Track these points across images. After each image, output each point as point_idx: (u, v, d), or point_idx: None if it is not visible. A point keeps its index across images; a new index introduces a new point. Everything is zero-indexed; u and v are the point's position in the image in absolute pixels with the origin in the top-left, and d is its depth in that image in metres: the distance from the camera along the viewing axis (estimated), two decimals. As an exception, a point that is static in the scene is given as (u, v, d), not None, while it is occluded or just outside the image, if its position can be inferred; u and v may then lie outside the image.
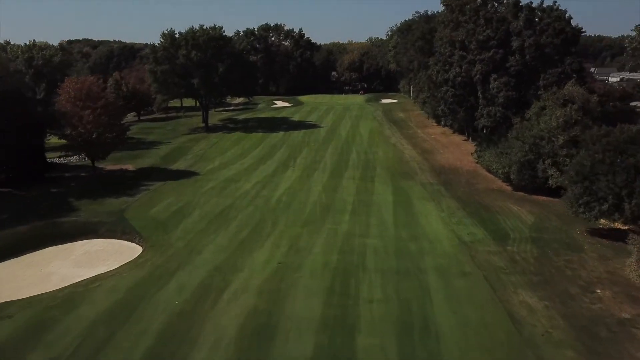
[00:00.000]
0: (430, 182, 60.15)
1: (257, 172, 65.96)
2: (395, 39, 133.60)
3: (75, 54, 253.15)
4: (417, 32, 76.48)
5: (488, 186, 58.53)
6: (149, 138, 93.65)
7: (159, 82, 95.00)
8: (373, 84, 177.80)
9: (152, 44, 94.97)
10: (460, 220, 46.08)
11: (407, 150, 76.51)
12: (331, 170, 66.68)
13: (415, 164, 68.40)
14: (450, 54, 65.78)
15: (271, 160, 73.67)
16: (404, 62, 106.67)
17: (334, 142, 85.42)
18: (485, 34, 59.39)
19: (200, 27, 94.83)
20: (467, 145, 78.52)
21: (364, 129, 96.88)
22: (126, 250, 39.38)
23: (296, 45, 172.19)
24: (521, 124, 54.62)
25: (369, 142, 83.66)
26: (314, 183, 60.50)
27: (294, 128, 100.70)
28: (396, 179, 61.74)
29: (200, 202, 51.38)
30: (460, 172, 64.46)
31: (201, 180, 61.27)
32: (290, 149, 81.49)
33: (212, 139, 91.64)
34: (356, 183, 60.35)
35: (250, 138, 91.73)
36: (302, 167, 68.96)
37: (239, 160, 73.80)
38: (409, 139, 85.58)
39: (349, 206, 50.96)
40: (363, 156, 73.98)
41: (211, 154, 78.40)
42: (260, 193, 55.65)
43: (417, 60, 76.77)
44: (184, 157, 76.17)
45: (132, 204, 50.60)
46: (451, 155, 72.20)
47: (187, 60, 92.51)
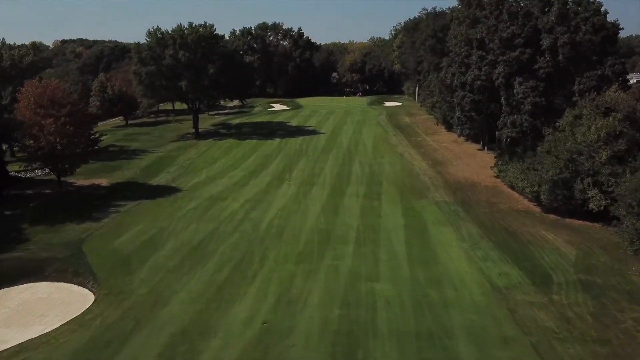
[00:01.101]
0: (446, 201, 52.27)
1: (248, 188, 58.09)
2: (400, 38, 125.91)
3: (68, 54, 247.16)
4: (427, 30, 68.64)
5: (512, 206, 50.65)
6: (133, 146, 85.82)
7: (145, 85, 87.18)
8: (375, 86, 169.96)
9: (137, 43, 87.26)
10: (487, 255, 38.18)
11: (417, 162, 68.57)
12: (331, 186, 58.82)
13: (427, 179, 60.49)
14: (467, 54, 57.92)
15: (265, 173, 65.81)
16: (410, 63, 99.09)
17: (335, 151, 77.50)
18: (509, 31, 51.52)
19: (190, 25, 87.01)
20: (482, 155, 70.56)
21: (367, 135, 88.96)
22: (75, 299, 31.47)
23: (295, 45, 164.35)
24: (554, 135, 46.69)
25: (374, 152, 75.73)
26: (312, 202, 52.65)
27: (292, 134, 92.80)
28: (406, 197, 53.89)
29: (177, 229, 43.47)
30: (478, 188, 56.56)
31: (182, 198, 53.37)
32: (286, 159, 73.61)
33: (202, 147, 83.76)
34: (360, 202, 52.50)
35: (243, 146, 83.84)
36: (298, 182, 61.13)
37: (228, 173, 65.92)
38: (417, 147, 77.64)
39: (353, 233, 43.10)
40: (367, 168, 66.06)
41: (198, 165, 70.53)
42: (249, 215, 47.77)
43: (428, 61, 68.88)
44: (168, 169, 68.28)
45: (96, 231, 42.69)
46: (466, 168, 64.24)
47: (174, 60, 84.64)
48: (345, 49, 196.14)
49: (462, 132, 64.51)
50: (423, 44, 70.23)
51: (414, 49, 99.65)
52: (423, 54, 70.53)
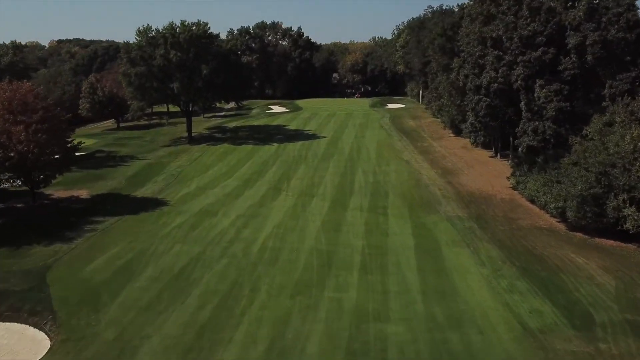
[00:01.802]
0: (459, 216, 47.24)
1: (241, 200, 53.05)
2: (404, 37, 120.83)
3: (63, 54, 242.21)
4: (436, 28, 63.52)
5: (533, 223, 45.62)
6: (122, 151, 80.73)
7: (134, 87, 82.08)
8: (378, 87, 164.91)
9: (126, 43, 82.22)
10: (513, 285, 33.15)
11: (425, 170, 63.46)
12: (333, 197, 53.80)
13: (437, 190, 55.42)
14: (481, 54, 52.81)
15: (260, 182, 60.77)
16: (415, 63, 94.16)
17: (336, 157, 72.42)
18: (530, 29, 46.42)
19: (182, 23, 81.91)
20: (495, 163, 65.49)
21: (370, 140, 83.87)
22: (25, 347, 26.38)
23: (295, 45, 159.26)
24: (582, 145, 41.63)
25: (378, 158, 70.63)
26: (311, 216, 47.65)
27: (290, 139, 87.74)
28: (415, 211, 48.86)
29: (158, 252, 38.40)
30: (494, 201, 51.51)
31: (168, 213, 48.30)
32: (284, 166, 68.55)
33: (194, 153, 78.71)
34: (364, 217, 47.49)
35: (238, 152, 78.80)
36: (297, 192, 56.11)
37: (221, 182, 60.88)
38: (424, 154, 72.54)
39: (357, 256, 38.10)
40: (371, 177, 60.99)
41: (189, 174, 65.47)
42: (241, 234, 42.72)
43: (436, 61, 63.77)
44: (156, 178, 63.20)
45: (65, 255, 37.64)
46: (479, 178, 59.16)
47: (165, 61, 79.62)
48: (346, 49, 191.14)
49: (476, 140, 59.43)
50: (432, 43, 65.06)
51: (419, 48, 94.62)
52: (431, 54, 65.40)
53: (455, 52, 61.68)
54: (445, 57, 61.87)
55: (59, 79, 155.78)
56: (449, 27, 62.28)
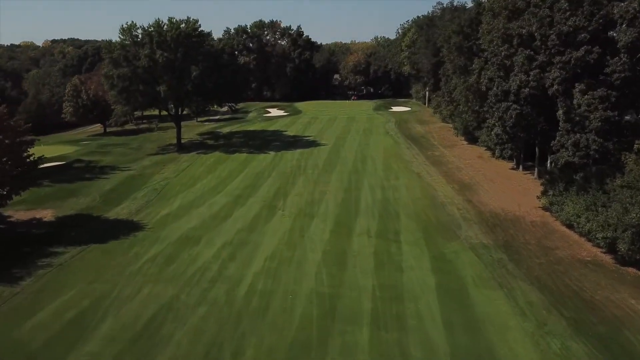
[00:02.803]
0: (484, 244, 40.06)
1: (230, 223, 45.91)
2: (410, 37, 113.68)
3: (56, 55, 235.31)
4: (451, 25, 56.30)
5: (574, 254, 38.41)
6: (103, 161, 73.59)
7: (117, 90, 74.90)
8: (381, 89, 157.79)
9: (108, 41, 75.06)
10: (568, 348, 25.98)
11: (439, 185, 56.22)
12: (336, 218, 46.65)
13: (455, 209, 48.18)
14: (507, 54, 45.56)
15: (253, 199, 53.61)
16: (423, 64, 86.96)
17: (339, 168, 65.22)
18: (570, 24, 39.24)
19: (169, 20, 74.72)
20: (518, 177, 58.21)
21: (375, 149, 76.65)
22: None
23: (294, 45, 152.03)
24: (638, 163, 34.44)
25: (385, 170, 63.38)
26: (311, 244, 40.53)
27: (288, 146, 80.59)
28: (432, 237, 41.70)
29: (121, 297, 31.22)
30: (523, 225, 44.26)
31: (142, 241, 41.11)
32: (280, 179, 61.37)
33: (182, 163, 71.55)
34: (373, 244, 40.34)
35: (230, 161, 71.64)
36: (294, 211, 48.98)
37: (208, 199, 53.74)
38: (437, 165, 65.27)
39: (367, 302, 30.95)
40: (379, 193, 53.77)
41: (174, 188, 58.31)
42: (225, 271, 35.56)
43: (452, 62, 56.48)
44: (136, 193, 56.03)
45: (3, 304, 30.42)
46: (502, 195, 51.89)
47: (150, 62, 72.44)
48: (347, 49, 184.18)
49: (502, 154, 52.09)
50: (446, 41, 57.81)
51: (428, 48, 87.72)
52: (446, 54, 58.17)
53: (474, 51, 54.56)
54: (461, 58, 54.73)
55: (48, 81, 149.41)
56: (466, 24, 55.13)
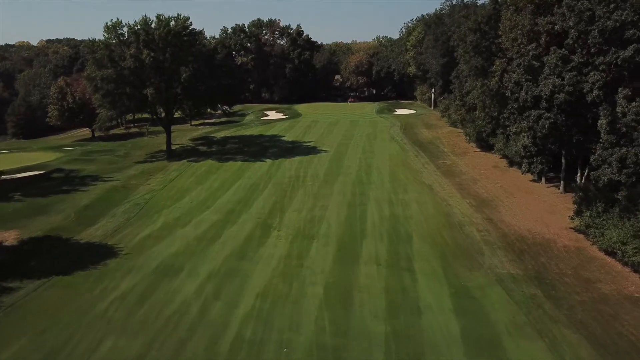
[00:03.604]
0: (513, 276, 34.29)
1: (218, 247, 40.18)
2: (416, 35, 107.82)
3: (50, 55, 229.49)
4: (467, 22, 50.33)
5: (620, 289, 32.63)
6: (86, 170, 67.89)
7: (102, 93, 69.12)
8: (384, 90, 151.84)
9: (91, 40, 69.31)
10: None
11: (454, 200, 50.37)
12: (339, 241, 40.90)
13: (475, 230, 42.34)
14: (535, 53, 39.70)
15: (246, 215, 47.90)
16: (431, 64, 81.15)
17: (341, 179, 59.45)
18: (617, 18, 33.47)
19: (158, 17, 68.88)
20: (542, 191, 52.29)
21: (381, 156, 70.86)
22: None
23: (293, 45, 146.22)
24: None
25: (393, 182, 57.57)
26: (310, 276, 34.81)
27: (286, 153, 74.85)
28: (451, 266, 35.93)
29: (74, 356, 25.36)
30: (554, 250, 38.42)
31: (113, 272, 35.31)
32: (277, 191, 55.65)
33: (171, 172, 65.85)
34: (384, 277, 34.55)
35: (223, 170, 65.92)
36: (292, 232, 43.29)
37: (196, 216, 48.01)
38: (449, 175, 59.42)
39: (380, 358, 25.14)
40: (387, 210, 47.95)
41: (158, 203, 52.58)
42: (208, 313, 29.77)
43: (467, 63, 50.54)
44: (115, 209, 50.25)
45: None
46: (527, 212, 46.00)
47: (136, 62, 66.64)
48: (348, 50, 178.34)
49: (531, 169, 46.09)
50: (462, 40, 51.88)
51: (436, 47, 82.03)
52: (461, 54, 52.30)
53: (492, 51, 48.76)
54: (479, 58, 48.86)
55: (38, 82, 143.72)
56: (483, 21, 49.24)
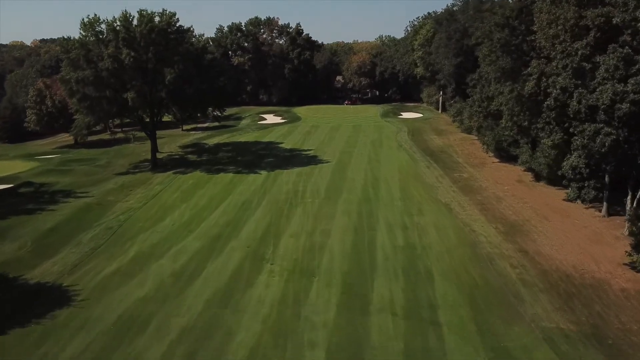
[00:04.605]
0: (565, 333, 27.19)
1: (197, 287, 33.10)
2: (424, 34, 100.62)
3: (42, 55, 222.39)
4: (494, 17, 42.97)
5: None
6: (60, 183, 60.86)
7: (78, 97, 61.96)
8: (388, 92, 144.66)
9: (66, 38, 62.08)
10: None
11: (478, 224, 43.05)
12: (344, 280, 33.86)
13: (508, 266, 35.12)
14: (585, 53, 32.56)
15: (234, 242, 40.86)
16: (443, 65, 73.98)
17: (346, 196, 52.29)
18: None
19: (140, 12, 61.69)
20: (579, 212, 44.84)
21: (389, 167, 63.69)
22: None
23: (293, 44, 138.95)
24: None
25: (404, 200, 50.34)
26: (309, 333, 27.79)
27: (284, 164, 67.69)
28: (485, 317, 28.81)
29: None
30: (610, 295, 31.23)
31: (61, 329, 28.11)
32: (272, 210, 48.51)
33: (154, 186, 58.73)
34: (402, 332, 27.59)
35: (213, 184, 58.78)
36: (288, 265, 36.29)
37: (176, 243, 40.89)
38: (468, 192, 52.17)
39: None
40: (401, 237, 40.72)
41: (134, 225, 45.44)
42: (176, 393, 22.64)
43: (494, 63, 43.23)
44: (83, 235, 43.09)
45: None
46: (567, 241, 38.73)
47: (115, 63, 59.45)
48: (350, 49, 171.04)
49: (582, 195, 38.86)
50: (487, 37, 44.50)
51: (449, 47, 74.99)
52: (486, 54, 44.98)
53: (524, 50, 41.58)
54: (508, 58, 41.56)
55: (25, 82, 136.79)
56: (513, 15, 41.97)
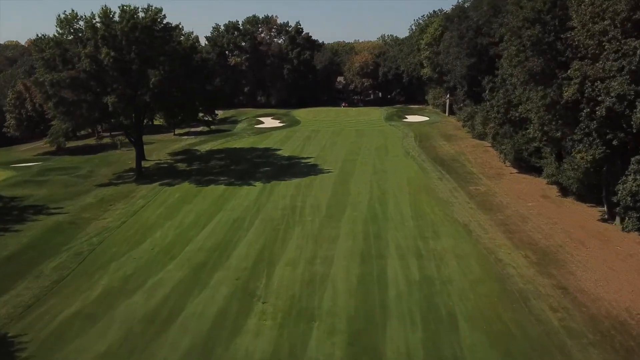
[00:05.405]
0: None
1: (172, 336, 27.30)
2: (432, 33, 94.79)
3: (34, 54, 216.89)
4: (523, 10, 36.94)
5: None
6: (34, 196, 55.17)
7: (54, 102, 56.15)
8: (391, 93, 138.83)
9: (40, 37, 56.25)
10: None
11: (504, 251, 37.08)
12: (350, 325, 28.09)
13: (547, 308, 29.16)
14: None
15: (222, 272, 35.12)
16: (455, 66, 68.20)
17: (349, 213, 46.42)
18: None
19: (121, 8, 55.83)
20: (619, 236, 38.74)
21: (396, 178, 57.83)
22: None
23: (292, 43, 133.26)
24: None
25: (417, 219, 44.37)
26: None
27: (281, 174, 61.88)
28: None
29: None
30: (679, 349, 25.34)
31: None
32: (266, 231, 42.68)
33: (137, 200, 53.00)
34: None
35: (201, 198, 52.97)
36: (283, 304, 30.55)
37: (154, 274, 35.11)
38: (488, 209, 46.21)
39: None
40: (415, 268, 34.71)
41: (108, 250, 39.64)
42: None
43: (521, 65, 37.24)
44: (46, 263, 37.27)
45: None
46: (612, 274, 32.76)
47: (93, 64, 53.62)
48: (352, 49, 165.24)
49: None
50: (515, 35, 38.51)
51: (461, 46, 69.22)
52: (513, 54, 38.93)
53: (559, 49, 35.70)
54: (540, 59, 35.57)
55: (13, 84, 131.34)
56: (545, 8, 36.01)
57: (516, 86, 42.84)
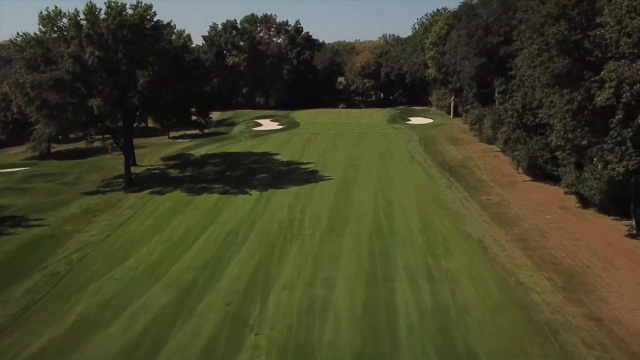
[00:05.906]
0: None
1: (151, 379, 23.57)
2: (437, 32, 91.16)
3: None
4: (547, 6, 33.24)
5: None
6: (14, 206, 51.63)
7: (36, 106, 52.51)
8: (394, 94, 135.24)
9: (22, 35, 52.63)
10: None
11: (525, 272, 33.33)
12: (355, 366, 24.32)
13: (579, 342, 25.44)
14: None
15: (211, 296, 31.60)
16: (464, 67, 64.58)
17: (353, 227, 42.75)
18: None
19: (107, 4, 52.16)
20: (651, 254, 35.39)
21: (402, 187, 54.16)
22: None
23: (292, 43, 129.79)
24: None
25: (426, 233, 40.71)
26: None
27: (279, 181, 58.26)
28: None
29: None
30: None
31: None
32: (261, 248, 39.05)
33: (124, 211, 49.37)
34: None
35: (192, 209, 49.31)
36: (278, 338, 27.05)
37: (135, 298, 31.49)
38: (503, 222, 42.50)
39: None
40: (427, 293, 31.02)
41: (87, 270, 35.99)
42: None
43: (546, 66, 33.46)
44: (15, 286, 33.63)
45: None
46: (649, 302, 29.21)
47: (77, 64, 49.97)
48: (353, 49, 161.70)
49: None
50: (539, 32, 34.81)
51: (470, 45, 65.64)
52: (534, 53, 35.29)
53: (587, 48, 32.07)
54: (566, 59, 31.87)
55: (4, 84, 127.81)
56: (570, 4, 32.28)
57: (535, 88, 39.26)
